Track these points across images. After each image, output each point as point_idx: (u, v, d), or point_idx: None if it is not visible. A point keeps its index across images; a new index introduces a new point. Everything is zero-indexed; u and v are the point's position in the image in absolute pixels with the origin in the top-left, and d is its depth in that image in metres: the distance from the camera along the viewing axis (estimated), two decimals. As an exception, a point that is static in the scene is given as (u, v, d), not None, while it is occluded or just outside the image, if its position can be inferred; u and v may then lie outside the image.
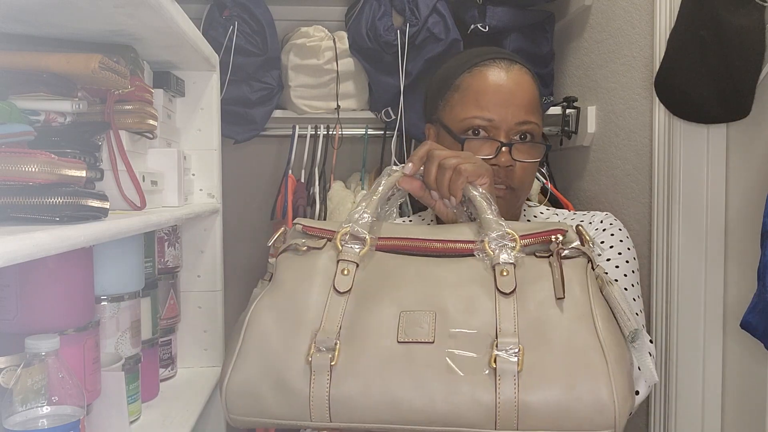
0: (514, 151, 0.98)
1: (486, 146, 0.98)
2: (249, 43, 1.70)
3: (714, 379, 1.29)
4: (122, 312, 1.10)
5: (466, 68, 1.01)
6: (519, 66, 1.01)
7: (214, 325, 1.49)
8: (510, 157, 0.97)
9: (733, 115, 1.21)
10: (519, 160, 0.98)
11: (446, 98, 1.02)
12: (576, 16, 1.79)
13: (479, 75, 0.99)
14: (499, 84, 0.98)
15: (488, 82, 0.98)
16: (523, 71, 1.01)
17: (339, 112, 1.79)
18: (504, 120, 0.97)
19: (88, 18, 0.92)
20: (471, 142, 0.98)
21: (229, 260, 1.84)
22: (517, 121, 0.97)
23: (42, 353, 0.76)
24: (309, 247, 0.84)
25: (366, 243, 0.81)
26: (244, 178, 2.04)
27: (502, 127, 0.97)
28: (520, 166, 0.98)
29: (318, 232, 0.86)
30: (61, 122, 0.89)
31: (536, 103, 1.01)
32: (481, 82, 0.99)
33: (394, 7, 1.69)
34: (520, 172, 0.99)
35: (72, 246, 0.65)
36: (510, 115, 0.97)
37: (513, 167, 0.98)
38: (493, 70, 0.99)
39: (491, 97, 0.98)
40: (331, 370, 0.73)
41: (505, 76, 0.99)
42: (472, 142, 0.98)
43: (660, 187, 1.36)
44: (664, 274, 1.34)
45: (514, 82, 0.98)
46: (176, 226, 1.40)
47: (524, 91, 0.99)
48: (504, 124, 0.97)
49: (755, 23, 1.13)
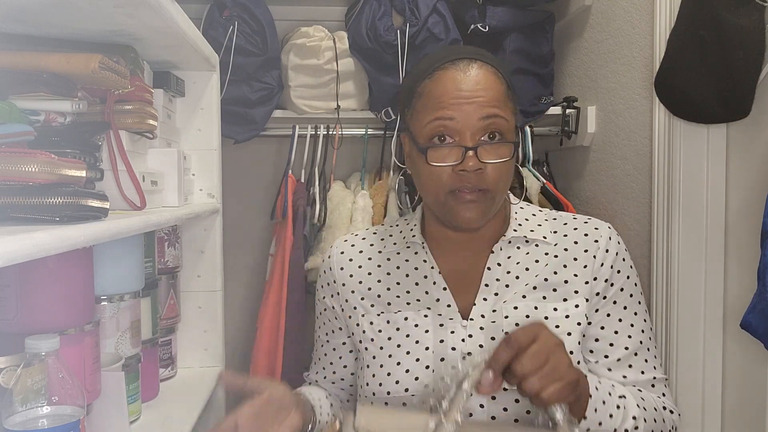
0: (481, 152, 0.93)
1: (452, 153, 0.94)
2: (249, 43, 1.70)
3: (714, 379, 1.29)
4: (122, 312, 1.10)
5: (427, 74, 0.98)
6: (479, 63, 0.97)
7: (214, 325, 1.49)
8: (477, 161, 0.93)
9: (733, 115, 1.21)
10: (488, 162, 0.94)
11: (411, 106, 1.00)
12: (576, 16, 1.79)
13: (438, 79, 0.96)
14: (457, 84, 0.95)
15: (446, 84, 0.95)
16: (484, 68, 0.96)
17: (339, 112, 1.79)
18: (466, 118, 0.93)
19: (88, 18, 0.92)
20: (434, 150, 0.95)
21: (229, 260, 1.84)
22: (480, 116, 0.93)
23: (42, 353, 0.76)
24: None
25: None
26: (244, 178, 2.04)
27: (466, 127, 0.93)
28: (492, 167, 0.94)
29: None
30: (61, 122, 0.89)
31: (501, 98, 0.96)
32: (440, 85, 0.96)
33: (394, 7, 1.69)
34: (493, 173, 0.94)
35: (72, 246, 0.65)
36: (472, 112, 0.93)
37: (483, 170, 0.94)
38: (450, 73, 0.96)
39: (451, 97, 0.94)
40: None
41: (462, 75, 0.95)
42: (437, 150, 0.94)
43: (660, 187, 1.36)
44: (664, 274, 1.34)
45: (473, 80, 0.95)
46: (176, 226, 1.40)
47: (486, 86, 0.95)
48: (467, 122, 0.93)
49: (755, 23, 1.13)
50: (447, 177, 0.94)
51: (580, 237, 1.04)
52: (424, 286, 1.04)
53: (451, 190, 0.95)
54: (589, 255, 1.02)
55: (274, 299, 1.68)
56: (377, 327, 1.03)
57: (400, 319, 1.02)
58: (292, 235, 1.68)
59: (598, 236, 1.03)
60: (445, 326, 0.99)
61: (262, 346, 1.67)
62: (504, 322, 0.97)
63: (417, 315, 1.01)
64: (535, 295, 0.99)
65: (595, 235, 1.03)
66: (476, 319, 0.99)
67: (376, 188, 1.79)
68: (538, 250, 1.03)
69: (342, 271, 1.10)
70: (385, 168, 1.87)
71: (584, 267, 1.01)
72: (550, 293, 0.99)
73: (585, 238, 1.03)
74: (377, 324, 1.03)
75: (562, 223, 1.07)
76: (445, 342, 0.98)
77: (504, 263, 1.02)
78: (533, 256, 1.03)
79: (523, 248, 1.03)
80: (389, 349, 1.01)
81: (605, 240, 1.03)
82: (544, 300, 0.99)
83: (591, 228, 1.05)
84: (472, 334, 0.98)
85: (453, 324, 0.99)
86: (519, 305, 0.98)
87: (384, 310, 1.04)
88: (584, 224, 1.06)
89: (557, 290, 1.00)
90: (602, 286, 1.01)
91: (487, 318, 0.98)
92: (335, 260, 1.11)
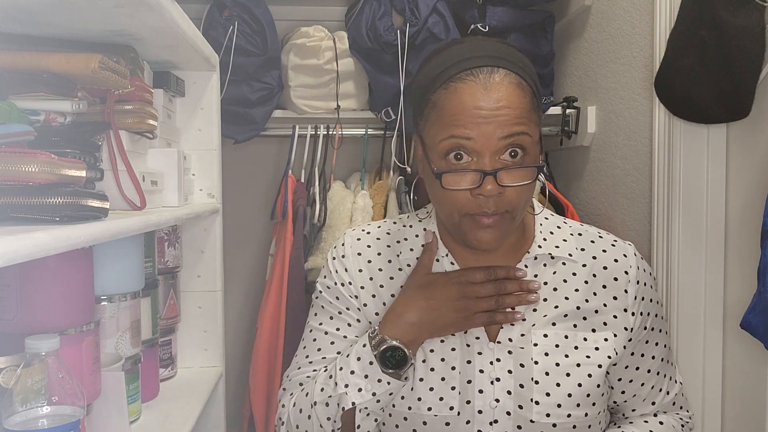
0: (501, 176, 0.85)
1: (468, 177, 0.86)
2: (249, 43, 1.70)
3: (714, 379, 1.29)
4: (122, 312, 1.10)
5: (441, 82, 0.88)
6: (503, 73, 0.87)
7: (214, 325, 1.49)
8: (497, 185, 0.85)
9: (733, 115, 1.21)
10: (509, 185, 0.86)
11: (424, 115, 0.91)
12: (576, 16, 1.79)
13: (455, 93, 0.86)
14: (476, 102, 0.85)
15: (464, 100, 0.85)
16: (507, 78, 0.87)
17: (339, 112, 1.79)
18: (486, 139, 0.84)
19: (88, 18, 0.92)
20: (449, 177, 0.86)
21: (229, 260, 1.84)
22: (500, 135, 0.84)
23: (42, 353, 0.76)
24: None
25: None
26: (244, 178, 2.04)
27: (485, 148, 0.85)
28: (512, 190, 0.86)
29: None
30: (61, 122, 0.89)
31: (526, 112, 0.86)
32: (456, 100, 0.86)
33: (394, 7, 1.69)
34: (513, 195, 0.87)
35: (72, 246, 0.65)
36: (492, 132, 0.84)
37: (503, 193, 0.86)
38: (469, 86, 0.86)
39: (469, 116, 0.85)
40: None
41: (483, 91, 0.85)
42: (451, 177, 0.86)
43: (660, 187, 1.36)
44: (664, 274, 1.34)
45: (495, 96, 0.85)
46: (176, 226, 1.40)
47: (509, 103, 0.85)
48: (486, 143, 0.85)
49: (755, 23, 1.13)
50: (464, 200, 0.87)
51: (609, 262, 0.99)
52: None
53: (467, 213, 0.89)
54: (619, 286, 0.98)
55: (274, 299, 1.68)
56: None
57: None
58: (292, 235, 1.68)
59: (627, 266, 0.99)
60: (471, 347, 0.95)
61: (262, 346, 1.67)
62: (533, 350, 0.93)
63: None
64: (566, 324, 0.95)
65: (624, 264, 0.99)
66: (504, 342, 0.94)
67: (376, 188, 1.79)
68: (565, 269, 0.98)
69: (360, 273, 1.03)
70: (385, 168, 1.87)
71: (614, 299, 0.98)
72: (580, 321, 0.96)
73: (615, 265, 0.99)
74: None
75: (589, 240, 1.02)
76: (472, 363, 0.94)
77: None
78: (561, 276, 0.98)
79: (549, 266, 0.98)
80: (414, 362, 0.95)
81: (635, 270, 0.99)
82: (575, 329, 0.95)
83: (619, 253, 1.00)
84: (500, 358, 0.93)
85: (480, 344, 0.95)
86: (549, 333, 0.95)
87: None
88: (612, 247, 1.01)
89: (587, 319, 0.96)
90: (632, 321, 0.98)
91: (515, 342, 0.94)
92: (351, 260, 1.03)
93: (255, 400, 1.67)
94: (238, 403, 1.87)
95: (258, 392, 1.67)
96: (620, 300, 0.98)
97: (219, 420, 1.48)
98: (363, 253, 1.04)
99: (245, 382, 1.73)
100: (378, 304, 1.01)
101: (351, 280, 1.02)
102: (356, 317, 1.02)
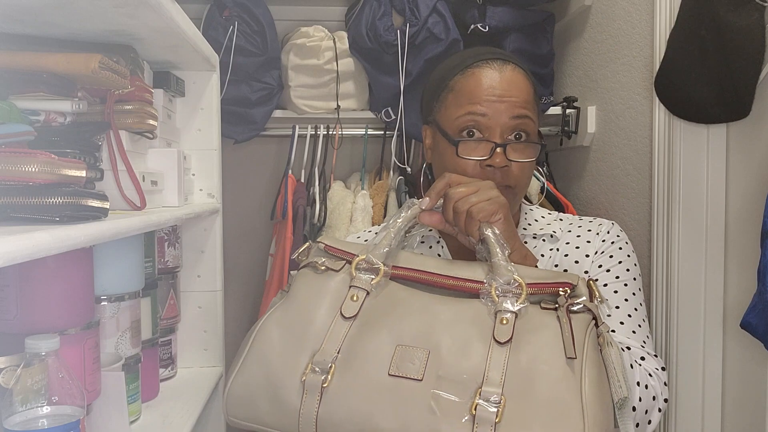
0: (509, 150, 0.97)
1: (480, 147, 0.98)
2: (249, 43, 1.70)
3: (714, 379, 1.29)
4: (122, 312, 1.10)
5: (459, 70, 1.01)
6: (513, 65, 1.01)
7: (214, 325, 1.49)
8: (505, 158, 0.97)
9: (733, 115, 1.21)
10: (514, 160, 0.98)
11: (441, 99, 1.03)
12: (576, 16, 1.79)
13: (472, 76, 1.00)
14: (492, 82, 0.98)
15: (481, 81, 0.99)
16: (516, 70, 1.01)
17: (339, 112, 1.79)
18: (498, 115, 0.97)
19: (88, 18, 0.92)
20: (465, 144, 0.98)
21: (229, 260, 1.84)
22: (511, 115, 0.97)
23: (42, 353, 0.76)
24: (327, 267, 0.87)
25: (379, 273, 0.85)
26: (244, 178, 2.04)
27: (497, 124, 0.97)
28: (517, 165, 0.98)
29: (338, 253, 0.89)
30: (61, 122, 0.89)
31: (531, 101, 1.00)
32: (474, 81, 0.99)
33: (394, 7, 1.69)
34: (517, 171, 0.99)
35: (72, 246, 0.65)
36: (504, 111, 0.97)
37: (509, 167, 0.98)
38: (485, 71, 1.00)
39: (484, 94, 0.98)
40: (322, 392, 0.77)
41: (498, 75, 0.99)
42: (467, 144, 0.98)
43: (660, 187, 1.36)
44: (664, 274, 1.34)
45: (507, 81, 0.99)
46: (176, 226, 1.40)
47: (518, 88, 0.99)
48: (498, 120, 0.97)
49: (755, 23, 1.13)
50: (473, 171, 0.97)
51: (583, 232, 1.08)
52: None
53: None
54: (590, 245, 1.05)
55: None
56: None
57: None
58: (292, 235, 1.68)
59: (599, 229, 1.07)
60: None
61: (262, 346, 1.67)
62: None
63: None
64: None
65: (597, 229, 1.07)
66: None
67: (376, 188, 1.79)
68: (544, 245, 1.06)
69: None
70: (385, 168, 1.87)
71: (586, 256, 1.04)
72: None
73: (588, 233, 1.07)
74: None
75: (568, 222, 1.10)
76: None
77: None
78: (539, 251, 1.06)
79: (530, 243, 1.06)
80: None
81: (606, 230, 1.07)
82: None
83: (595, 224, 1.08)
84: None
85: None
86: None
87: None
88: (589, 222, 1.09)
89: None
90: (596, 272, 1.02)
91: None
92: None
93: (255, 400, 1.67)
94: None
95: (258, 392, 1.67)
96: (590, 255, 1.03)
97: (219, 420, 1.48)
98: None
99: (245, 382, 1.72)
100: None
101: None
102: None
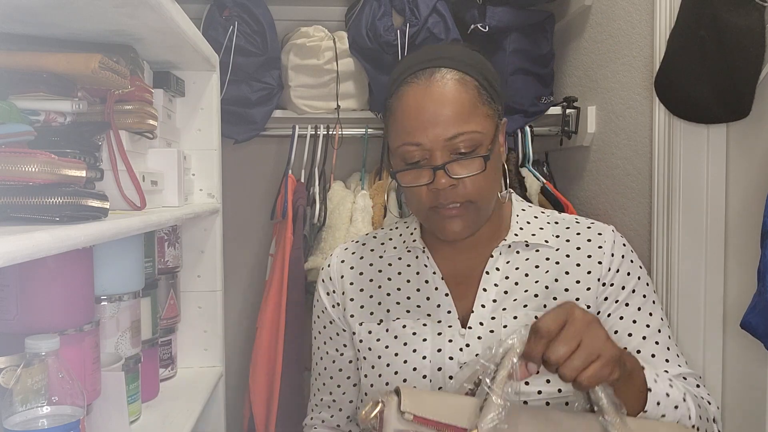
0: (452, 168, 0.91)
1: (422, 173, 0.93)
2: (249, 43, 1.70)
3: (714, 379, 1.29)
4: (122, 312, 1.10)
5: (394, 88, 0.97)
6: (443, 71, 0.93)
7: (214, 325, 1.49)
8: (449, 178, 0.91)
9: (733, 115, 1.21)
10: (461, 177, 0.92)
11: (386, 121, 1.00)
12: (576, 16, 1.79)
13: (401, 98, 0.94)
14: (419, 103, 0.92)
15: (409, 105, 0.93)
16: (448, 76, 0.92)
17: (339, 112, 1.79)
18: (432, 141, 0.91)
19: (88, 18, 0.92)
20: (403, 175, 0.95)
21: (229, 260, 1.84)
22: (446, 137, 0.91)
23: (42, 353, 0.76)
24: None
25: None
26: (244, 178, 2.04)
27: (434, 148, 0.91)
28: (468, 180, 0.92)
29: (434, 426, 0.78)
30: (61, 122, 0.89)
31: (467, 109, 0.91)
32: (403, 105, 0.94)
33: (394, 7, 1.69)
34: (471, 185, 0.92)
35: (72, 246, 0.65)
36: (438, 134, 0.91)
37: (457, 185, 0.92)
38: (412, 89, 0.93)
39: (414, 120, 0.92)
40: None
41: (424, 93, 0.92)
42: (405, 175, 0.95)
43: (660, 187, 1.36)
44: (664, 274, 1.34)
45: (436, 97, 0.91)
46: (176, 226, 1.40)
47: (450, 101, 0.91)
48: (433, 145, 0.91)
49: (755, 23, 1.13)
50: (425, 195, 0.94)
51: (583, 242, 1.02)
52: (426, 291, 1.02)
53: (431, 206, 0.94)
54: (593, 261, 1.00)
55: (274, 299, 1.68)
56: (375, 336, 1.02)
57: (398, 327, 1.01)
58: (292, 235, 1.68)
59: (602, 241, 1.01)
60: (443, 335, 0.98)
61: (262, 346, 1.67)
62: (503, 332, 0.95)
63: (416, 323, 1.00)
64: (536, 304, 0.97)
65: (599, 241, 1.01)
66: (474, 328, 0.97)
67: (376, 188, 1.79)
68: (538, 255, 1.01)
69: (342, 279, 1.09)
70: (385, 168, 1.87)
71: (588, 273, 0.99)
72: (550, 302, 0.97)
73: (588, 244, 1.01)
74: (375, 333, 1.02)
75: (565, 227, 1.04)
76: (442, 351, 0.97)
77: (503, 268, 1.00)
78: (533, 262, 1.01)
79: (523, 253, 1.01)
80: (387, 357, 0.99)
81: (610, 244, 1.01)
82: (545, 309, 0.95)
83: (594, 233, 1.02)
84: (469, 344, 0.96)
85: (451, 332, 0.98)
86: (519, 314, 0.97)
87: (383, 318, 1.03)
88: (587, 229, 1.03)
89: (557, 298, 0.97)
90: (610, 291, 0.98)
91: (485, 326, 0.97)
92: (335, 269, 1.10)
93: (255, 401, 1.67)
94: (238, 403, 1.87)
95: (258, 392, 1.67)
96: (594, 274, 0.99)
97: (219, 420, 1.48)
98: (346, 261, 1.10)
99: (245, 382, 1.72)
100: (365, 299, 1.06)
101: (339, 301, 1.08)
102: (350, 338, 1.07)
